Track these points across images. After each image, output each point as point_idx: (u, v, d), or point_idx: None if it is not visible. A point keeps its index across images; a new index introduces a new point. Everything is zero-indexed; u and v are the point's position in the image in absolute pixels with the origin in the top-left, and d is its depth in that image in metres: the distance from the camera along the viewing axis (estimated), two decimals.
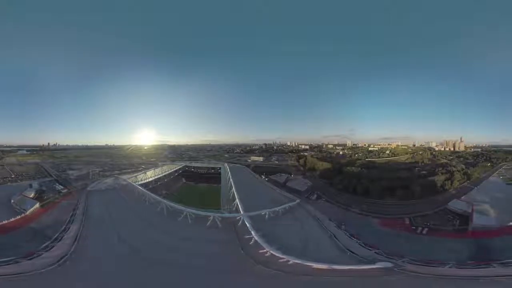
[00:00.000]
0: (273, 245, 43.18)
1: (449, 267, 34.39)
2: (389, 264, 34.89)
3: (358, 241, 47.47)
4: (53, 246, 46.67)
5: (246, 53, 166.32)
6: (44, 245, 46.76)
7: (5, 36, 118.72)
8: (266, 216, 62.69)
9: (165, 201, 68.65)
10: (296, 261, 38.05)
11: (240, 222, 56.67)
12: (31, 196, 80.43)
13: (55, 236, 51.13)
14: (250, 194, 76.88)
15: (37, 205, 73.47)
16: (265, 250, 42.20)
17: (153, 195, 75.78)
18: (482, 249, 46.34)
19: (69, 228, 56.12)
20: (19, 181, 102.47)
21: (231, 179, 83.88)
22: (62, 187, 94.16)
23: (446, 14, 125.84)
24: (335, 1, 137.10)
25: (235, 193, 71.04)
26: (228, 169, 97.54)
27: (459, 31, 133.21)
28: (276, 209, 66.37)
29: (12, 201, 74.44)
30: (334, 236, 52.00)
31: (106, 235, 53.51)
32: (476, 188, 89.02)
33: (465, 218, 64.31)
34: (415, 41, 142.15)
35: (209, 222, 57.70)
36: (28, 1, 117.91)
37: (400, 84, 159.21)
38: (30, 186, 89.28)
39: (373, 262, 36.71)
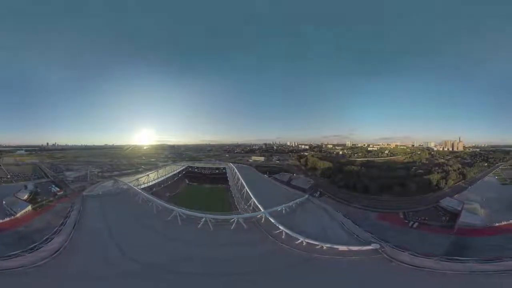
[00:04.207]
0: (303, 235, 52.39)
1: (409, 253, 46.47)
2: (377, 246, 48.74)
3: (359, 227, 61.16)
4: (17, 256, 43.37)
5: (246, 53, 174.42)
6: (14, 252, 44.07)
7: (5, 37, 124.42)
8: (283, 212, 70.12)
9: (177, 208, 65.45)
10: (328, 245, 49.51)
11: (263, 219, 62.18)
12: (24, 198, 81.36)
13: (32, 246, 47.37)
14: (262, 192, 79.96)
15: (29, 207, 73.95)
16: (300, 240, 51.49)
17: (160, 201, 72.00)
18: (458, 246, 53.16)
19: (52, 238, 51.40)
20: (14, 181, 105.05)
21: (241, 179, 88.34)
22: (58, 189, 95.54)
23: (446, 14, 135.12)
24: (335, 2, 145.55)
25: (249, 192, 76.23)
26: (236, 169, 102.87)
27: (458, 32, 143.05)
28: (290, 204, 74.68)
29: (4, 202, 75.27)
30: (344, 224, 64.15)
31: (103, 249, 48.80)
32: (470, 187, 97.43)
33: (454, 216, 71.63)
34: (415, 41, 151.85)
35: (233, 225, 60.44)
36: (28, 2, 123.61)
37: (399, 84, 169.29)
38: (25, 187, 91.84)
39: (369, 243, 50.30)
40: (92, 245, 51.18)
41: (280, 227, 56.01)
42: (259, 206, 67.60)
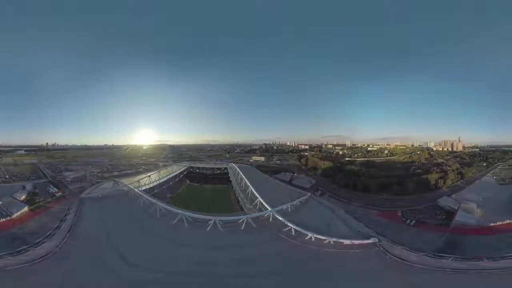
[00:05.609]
0: (310, 231, 56.68)
1: (402, 248, 52.44)
2: (376, 240, 54.63)
3: (360, 223, 67.07)
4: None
5: (246, 53, 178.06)
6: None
7: (6, 38, 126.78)
8: (289, 210, 74.00)
9: (182, 211, 65.10)
10: (334, 239, 54.41)
11: (271, 218, 65.55)
12: (21, 198, 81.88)
13: (19, 249, 47.06)
14: (265, 191, 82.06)
15: (26, 208, 73.75)
16: (309, 236, 55.92)
17: (164, 204, 71.41)
18: (450, 244, 56.54)
19: (43, 242, 50.77)
20: (12, 182, 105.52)
21: (244, 179, 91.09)
22: (56, 189, 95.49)
23: (446, 14, 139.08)
24: (335, 2, 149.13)
25: (254, 192, 78.67)
26: (239, 169, 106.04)
27: (458, 32, 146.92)
28: (294, 202, 78.87)
29: (1, 202, 75.56)
30: (345, 220, 69.74)
31: (99, 256, 47.37)
32: (468, 187, 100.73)
33: (451, 215, 74.16)
34: (415, 41, 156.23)
35: (243, 225, 62.59)
36: (28, 3, 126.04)
37: (399, 84, 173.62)
38: (23, 187, 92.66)
39: (368, 237, 56.08)
40: (86, 251, 49.48)
41: (289, 224, 59.82)
42: (265, 205, 70.52)
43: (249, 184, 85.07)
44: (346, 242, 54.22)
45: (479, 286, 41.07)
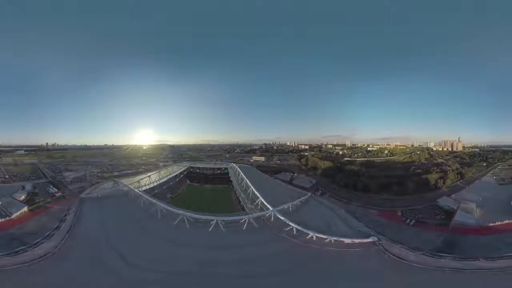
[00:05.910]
0: (311, 230, 57.67)
1: (401, 247, 53.79)
2: (375, 238, 56.22)
3: (359, 222, 68.75)
4: None
5: (246, 53, 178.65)
6: None
7: (6, 38, 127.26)
8: (290, 209, 74.99)
9: (184, 211, 64.89)
10: (335, 238, 55.65)
11: (272, 217, 66.35)
12: (21, 198, 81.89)
13: (17, 249, 46.96)
14: (266, 191, 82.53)
15: (25, 208, 73.57)
16: (311, 235, 56.82)
17: (165, 205, 70.96)
18: (448, 243, 57.31)
19: (42, 243, 50.75)
20: (12, 182, 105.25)
21: (245, 179, 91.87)
22: (56, 189, 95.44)
23: (446, 14, 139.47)
24: (335, 2, 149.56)
25: (255, 192, 79.28)
26: (239, 169, 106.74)
27: (458, 32, 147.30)
28: (295, 202, 79.88)
29: (0, 202, 75.40)
30: (345, 220, 71.09)
31: (98, 257, 46.97)
32: (467, 187, 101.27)
33: (450, 214, 74.60)
34: (415, 41, 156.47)
35: (245, 225, 63.21)
36: (28, 3, 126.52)
37: (399, 84, 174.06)
38: (23, 187, 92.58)
39: (368, 236, 57.46)
40: (85, 251, 49.52)
41: (291, 224, 60.57)
42: (267, 205, 71.26)
43: (250, 184, 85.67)
44: (347, 241, 55.46)
45: (477, 285, 41.59)
